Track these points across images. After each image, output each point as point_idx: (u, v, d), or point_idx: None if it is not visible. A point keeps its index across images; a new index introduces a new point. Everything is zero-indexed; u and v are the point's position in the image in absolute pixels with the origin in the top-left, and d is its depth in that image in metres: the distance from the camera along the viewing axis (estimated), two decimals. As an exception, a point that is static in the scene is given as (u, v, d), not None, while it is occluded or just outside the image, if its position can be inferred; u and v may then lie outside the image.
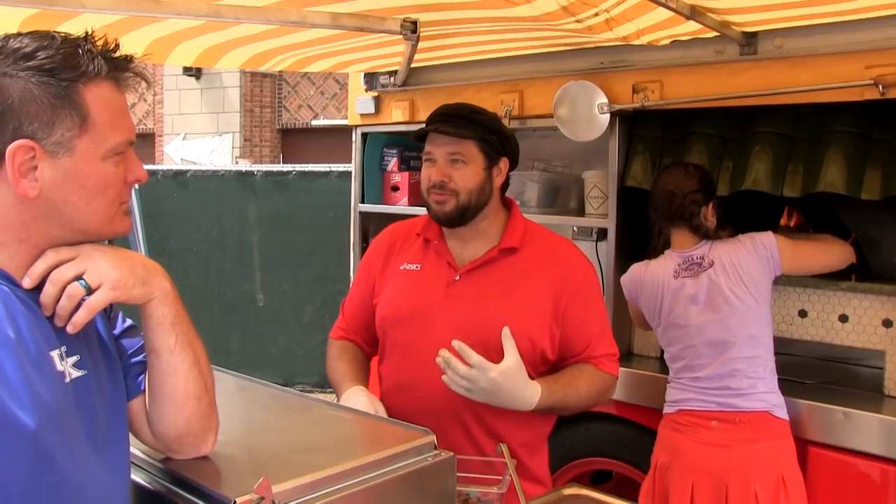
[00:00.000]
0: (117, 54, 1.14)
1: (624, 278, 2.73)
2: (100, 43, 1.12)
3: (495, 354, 1.90)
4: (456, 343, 1.82)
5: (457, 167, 1.98)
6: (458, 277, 2.02)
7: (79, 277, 1.11)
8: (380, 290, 2.13)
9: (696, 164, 2.69)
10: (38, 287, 1.12)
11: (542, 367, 2.00)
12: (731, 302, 2.45)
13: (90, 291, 1.11)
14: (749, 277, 2.46)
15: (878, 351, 2.66)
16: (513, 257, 2.02)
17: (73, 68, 1.08)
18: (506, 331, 1.86)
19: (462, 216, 2.00)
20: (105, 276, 1.12)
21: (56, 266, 1.11)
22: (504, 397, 1.83)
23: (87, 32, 1.13)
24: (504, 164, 2.05)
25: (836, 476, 2.43)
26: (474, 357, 1.80)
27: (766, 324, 2.49)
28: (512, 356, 1.83)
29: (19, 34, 1.10)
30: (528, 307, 1.97)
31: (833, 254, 2.62)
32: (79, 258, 1.12)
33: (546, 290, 1.98)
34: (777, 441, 2.38)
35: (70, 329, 1.11)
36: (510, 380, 1.82)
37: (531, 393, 1.85)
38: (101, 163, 1.13)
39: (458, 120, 1.99)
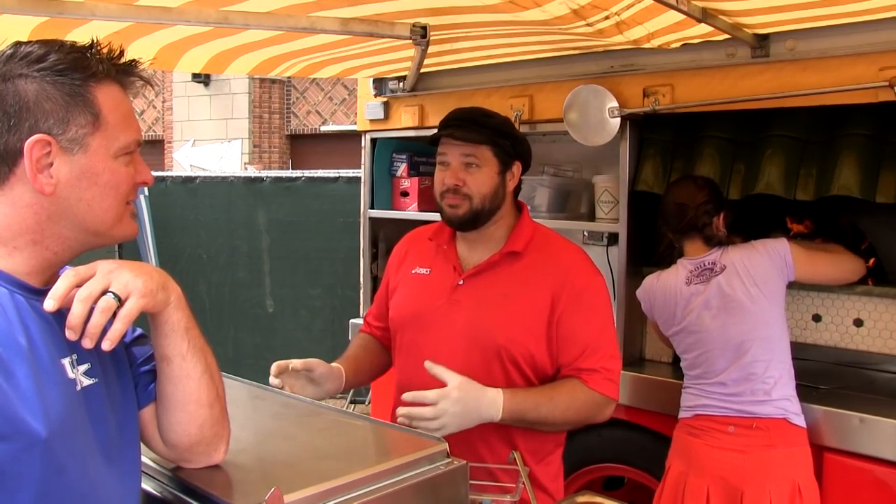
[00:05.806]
0: (122, 60, 1.17)
1: (638, 292, 2.73)
2: (105, 50, 1.16)
3: (494, 360, 1.91)
4: (408, 395, 1.79)
5: (471, 171, 1.97)
6: (461, 282, 2.01)
7: (104, 291, 1.09)
8: (392, 293, 2.17)
9: (705, 176, 2.70)
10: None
11: (536, 380, 1.96)
12: (744, 304, 2.44)
13: (120, 303, 1.10)
14: (762, 280, 2.45)
15: (893, 355, 2.63)
16: (516, 262, 2.00)
17: (84, 69, 1.12)
18: (428, 363, 1.82)
19: (475, 220, 1.99)
20: (132, 285, 1.11)
21: (78, 284, 1.08)
22: (472, 410, 1.78)
23: (92, 40, 1.16)
24: (517, 167, 2.05)
25: (851, 483, 2.40)
26: (431, 394, 1.76)
27: (780, 327, 2.47)
28: (453, 375, 1.80)
29: (28, 42, 1.13)
30: (525, 315, 1.94)
31: (845, 267, 2.61)
32: (98, 273, 1.10)
33: (544, 296, 1.95)
34: (794, 448, 2.37)
35: (107, 346, 1.08)
36: (468, 389, 1.79)
37: (492, 395, 1.81)
38: (113, 161, 1.15)
39: (471, 125, 1.98)
